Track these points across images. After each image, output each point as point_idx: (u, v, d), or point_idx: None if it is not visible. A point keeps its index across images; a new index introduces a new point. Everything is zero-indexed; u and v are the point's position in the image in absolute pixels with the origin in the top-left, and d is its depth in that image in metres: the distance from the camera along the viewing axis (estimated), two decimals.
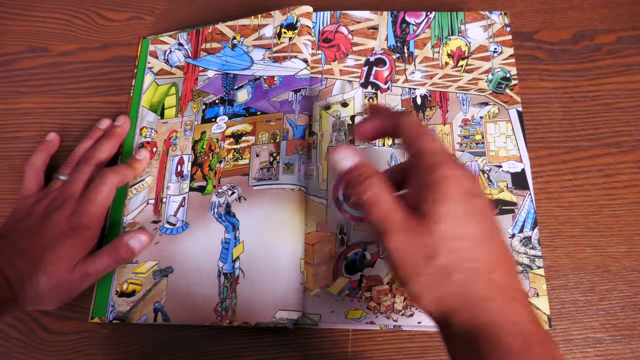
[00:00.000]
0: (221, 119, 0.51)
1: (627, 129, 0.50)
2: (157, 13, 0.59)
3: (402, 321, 0.42)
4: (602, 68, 0.52)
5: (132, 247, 0.45)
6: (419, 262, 0.28)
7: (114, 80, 0.55)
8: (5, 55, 0.57)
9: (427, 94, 0.51)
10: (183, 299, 0.44)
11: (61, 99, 0.55)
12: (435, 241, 0.28)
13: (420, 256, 0.28)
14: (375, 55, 0.52)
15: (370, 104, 0.36)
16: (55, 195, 0.45)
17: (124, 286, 0.45)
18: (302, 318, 0.43)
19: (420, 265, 0.28)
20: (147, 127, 0.52)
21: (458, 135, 0.49)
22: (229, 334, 0.45)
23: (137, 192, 0.49)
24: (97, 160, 0.48)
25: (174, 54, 0.55)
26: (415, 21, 0.53)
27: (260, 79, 0.52)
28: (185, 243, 0.46)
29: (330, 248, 0.45)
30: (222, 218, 0.46)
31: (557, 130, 0.50)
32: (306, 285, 0.44)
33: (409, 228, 0.29)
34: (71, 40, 0.58)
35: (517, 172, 0.47)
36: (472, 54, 0.52)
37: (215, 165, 0.49)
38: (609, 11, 0.54)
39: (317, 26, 0.54)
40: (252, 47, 0.53)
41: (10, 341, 0.46)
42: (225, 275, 0.44)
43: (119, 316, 0.44)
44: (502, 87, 0.50)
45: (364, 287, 0.44)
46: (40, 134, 0.53)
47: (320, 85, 0.51)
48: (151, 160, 0.50)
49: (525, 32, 0.54)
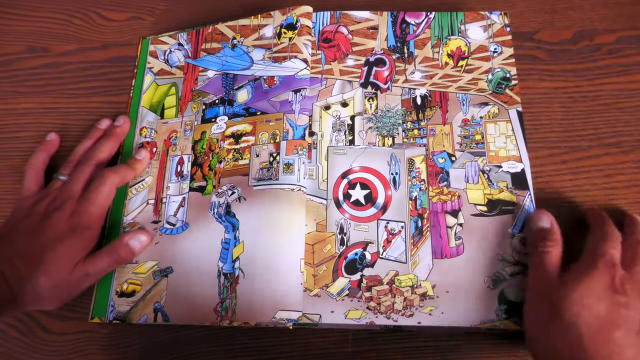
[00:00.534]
0: (221, 119, 0.51)
1: (627, 129, 0.50)
2: (157, 13, 0.59)
3: (402, 321, 0.42)
4: (602, 68, 0.52)
5: (132, 247, 0.45)
6: None
7: (114, 80, 0.55)
8: (5, 55, 0.57)
9: (427, 94, 0.51)
10: (183, 299, 0.44)
11: (61, 99, 0.55)
12: None
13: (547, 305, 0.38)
14: (375, 56, 0.52)
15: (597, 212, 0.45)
16: (55, 196, 0.45)
17: (124, 286, 0.45)
18: (302, 318, 0.43)
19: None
20: (147, 127, 0.52)
21: (458, 135, 0.49)
22: (229, 334, 0.45)
23: (137, 192, 0.49)
24: (97, 160, 0.48)
25: (174, 54, 0.55)
26: (415, 21, 0.53)
27: (260, 79, 0.52)
28: (185, 243, 0.46)
29: (330, 248, 0.45)
30: (222, 218, 0.46)
31: (557, 130, 0.50)
32: (306, 285, 0.44)
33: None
34: (71, 40, 0.58)
35: (517, 172, 0.47)
36: (472, 54, 0.52)
37: (215, 165, 0.49)
38: (609, 11, 0.54)
39: (317, 26, 0.54)
40: (252, 47, 0.53)
41: (10, 341, 0.46)
42: (225, 275, 0.44)
43: (119, 316, 0.44)
44: (502, 87, 0.50)
45: (364, 287, 0.44)
46: (40, 134, 0.53)
47: (320, 85, 0.51)
48: (151, 161, 0.50)
49: (525, 32, 0.54)
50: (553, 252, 0.40)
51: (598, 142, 0.49)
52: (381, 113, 0.50)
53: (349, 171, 0.48)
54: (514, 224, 0.45)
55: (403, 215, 0.46)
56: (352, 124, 0.50)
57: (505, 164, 0.47)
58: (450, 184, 0.47)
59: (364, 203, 0.47)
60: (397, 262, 0.44)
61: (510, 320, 0.41)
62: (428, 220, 0.46)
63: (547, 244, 0.41)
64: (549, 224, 0.42)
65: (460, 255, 0.44)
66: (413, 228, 0.45)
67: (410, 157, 0.48)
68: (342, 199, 0.47)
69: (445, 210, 0.46)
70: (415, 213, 0.46)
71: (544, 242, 0.41)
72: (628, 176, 0.48)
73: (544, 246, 0.41)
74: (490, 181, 0.47)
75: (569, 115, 0.50)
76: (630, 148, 0.49)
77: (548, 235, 0.41)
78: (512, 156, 0.47)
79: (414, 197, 0.47)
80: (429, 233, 0.45)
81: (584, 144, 0.49)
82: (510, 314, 0.42)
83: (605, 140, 0.49)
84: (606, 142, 0.49)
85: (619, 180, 0.48)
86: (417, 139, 0.49)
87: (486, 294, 0.42)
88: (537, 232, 0.42)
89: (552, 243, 0.41)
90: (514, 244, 0.44)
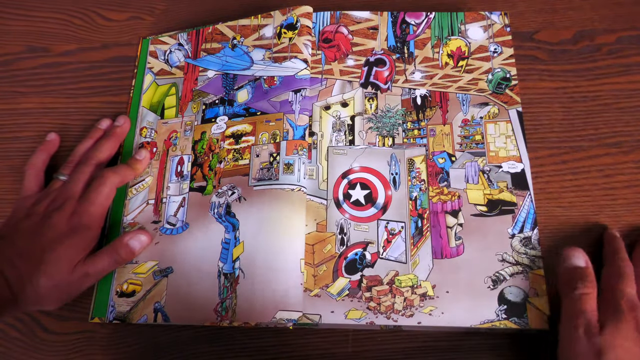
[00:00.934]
0: (221, 119, 0.51)
1: (627, 129, 0.50)
2: (157, 13, 0.59)
3: (402, 321, 0.42)
4: (602, 68, 0.52)
5: (132, 247, 0.45)
6: None
7: (114, 80, 0.55)
8: (5, 55, 0.57)
9: (427, 94, 0.51)
10: (183, 299, 0.44)
11: (61, 99, 0.55)
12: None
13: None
14: (375, 56, 0.52)
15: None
16: (55, 196, 0.45)
17: (124, 286, 0.45)
18: (302, 318, 0.43)
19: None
20: (147, 127, 0.52)
21: (458, 135, 0.49)
22: (229, 334, 0.45)
23: (137, 192, 0.49)
24: (97, 160, 0.48)
25: (174, 54, 0.55)
26: (415, 21, 0.53)
27: (260, 79, 0.52)
28: (185, 243, 0.46)
29: (330, 248, 0.45)
30: (222, 218, 0.46)
31: (557, 131, 0.50)
32: (306, 286, 0.44)
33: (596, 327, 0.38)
34: (71, 40, 0.58)
35: (517, 172, 0.47)
36: (472, 54, 0.52)
37: (215, 165, 0.49)
38: (609, 11, 0.54)
39: (317, 26, 0.54)
40: (252, 47, 0.53)
41: (10, 341, 0.46)
42: (225, 275, 0.44)
43: (119, 316, 0.44)
44: (502, 87, 0.50)
45: (364, 287, 0.44)
46: (40, 134, 0.53)
47: (320, 86, 0.51)
48: (151, 161, 0.50)
49: (525, 32, 0.54)
50: (592, 295, 0.40)
51: (598, 142, 0.49)
52: (381, 113, 0.50)
53: (349, 171, 0.48)
54: (514, 224, 0.45)
55: (403, 216, 0.46)
56: (352, 124, 0.50)
57: (505, 164, 0.47)
58: (450, 184, 0.47)
59: (364, 203, 0.47)
60: (397, 262, 0.44)
61: (510, 320, 0.41)
62: (428, 220, 0.46)
63: (587, 284, 0.40)
64: (584, 263, 0.42)
65: (460, 255, 0.44)
66: (413, 228, 0.46)
67: (410, 157, 0.48)
68: (342, 199, 0.47)
69: (445, 211, 0.46)
70: (415, 213, 0.46)
71: (583, 282, 0.40)
72: (628, 176, 0.48)
73: (584, 287, 0.40)
74: (490, 181, 0.47)
75: (569, 115, 0.50)
76: (630, 148, 0.49)
77: (585, 277, 0.41)
78: (512, 156, 0.47)
79: (414, 197, 0.47)
80: (429, 233, 0.45)
81: (584, 144, 0.49)
82: (510, 314, 0.42)
83: (605, 140, 0.49)
84: (606, 142, 0.49)
85: (619, 180, 0.48)
86: (417, 139, 0.49)
87: (486, 294, 0.42)
88: (573, 271, 0.41)
89: (590, 284, 0.40)
90: (514, 244, 0.44)
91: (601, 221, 0.46)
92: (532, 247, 0.44)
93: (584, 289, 0.40)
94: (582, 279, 0.40)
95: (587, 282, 0.40)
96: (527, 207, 0.45)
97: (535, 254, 0.44)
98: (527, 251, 0.44)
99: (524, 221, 0.45)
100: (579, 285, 0.40)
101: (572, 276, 0.41)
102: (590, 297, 0.40)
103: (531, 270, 0.43)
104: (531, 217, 0.45)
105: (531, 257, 0.44)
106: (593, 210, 0.47)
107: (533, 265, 0.43)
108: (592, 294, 0.40)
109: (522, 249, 0.44)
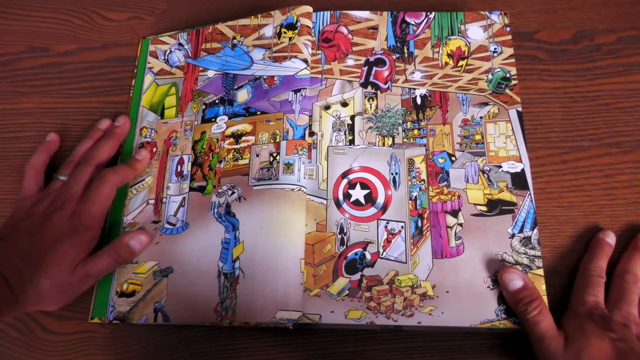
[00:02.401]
0: (221, 119, 0.51)
1: (627, 129, 0.50)
2: (157, 13, 0.59)
3: (402, 321, 0.42)
4: (602, 68, 0.52)
5: (133, 247, 0.45)
6: None
7: (114, 80, 0.55)
8: (5, 55, 0.57)
9: (427, 94, 0.51)
10: (183, 299, 0.44)
11: (61, 99, 0.55)
12: None
13: None
14: (375, 55, 0.52)
15: None
16: (55, 196, 0.45)
17: (124, 286, 0.45)
18: (302, 318, 0.43)
19: None
20: (147, 127, 0.52)
21: (458, 135, 0.49)
22: (229, 334, 0.45)
23: (137, 192, 0.49)
24: (97, 160, 0.48)
25: (174, 54, 0.55)
26: (415, 21, 0.53)
27: (260, 79, 0.52)
28: (185, 243, 0.46)
29: (330, 248, 0.45)
30: (222, 218, 0.46)
31: (557, 130, 0.50)
32: (306, 285, 0.44)
33: (561, 344, 0.39)
34: (71, 40, 0.58)
35: (517, 172, 0.47)
36: (472, 54, 0.52)
37: (215, 165, 0.49)
38: (609, 11, 0.54)
39: (317, 26, 0.54)
40: (252, 47, 0.53)
41: (10, 341, 0.46)
42: (225, 275, 0.44)
43: (119, 316, 0.44)
44: (502, 87, 0.50)
45: (364, 287, 0.44)
46: (40, 134, 0.53)
47: (320, 85, 0.51)
48: (151, 160, 0.50)
49: (525, 32, 0.54)
50: (543, 310, 0.40)
51: (598, 142, 0.49)
52: (381, 113, 0.50)
53: (349, 171, 0.48)
54: (513, 224, 0.45)
55: (403, 215, 0.46)
56: (352, 124, 0.50)
57: (505, 164, 0.47)
58: (450, 184, 0.47)
59: (364, 203, 0.47)
60: (397, 262, 0.44)
61: (510, 320, 0.41)
62: (428, 220, 0.46)
63: (533, 305, 0.40)
64: (522, 282, 0.41)
65: (460, 255, 0.44)
66: (413, 228, 0.46)
67: (410, 157, 0.48)
68: (342, 199, 0.47)
69: (445, 210, 0.46)
70: (415, 213, 0.46)
71: (530, 305, 0.40)
72: (628, 176, 0.48)
73: (532, 309, 0.40)
74: (490, 181, 0.47)
75: (569, 115, 0.50)
76: (630, 148, 0.49)
77: (528, 297, 0.41)
78: (512, 156, 0.47)
79: (414, 197, 0.47)
80: (429, 233, 0.45)
81: (584, 144, 0.49)
82: (510, 314, 0.42)
83: (605, 140, 0.49)
84: (606, 142, 0.49)
85: (619, 180, 0.48)
86: (417, 139, 0.49)
87: (486, 294, 0.42)
88: (516, 295, 0.41)
89: (536, 302, 0.40)
90: (514, 244, 0.44)
91: (601, 221, 0.46)
92: (532, 247, 0.44)
93: (533, 312, 0.40)
94: (527, 302, 0.40)
95: (533, 302, 0.40)
96: (527, 207, 0.45)
97: (535, 253, 0.44)
98: (527, 251, 0.44)
99: (524, 221, 0.45)
100: (528, 309, 0.40)
101: (517, 300, 0.41)
102: (542, 314, 0.40)
103: (531, 270, 0.43)
104: (531, 217, 0.45)
105: (531, 257, 0.44)
106: (593, 210, 0.47)
107: (533, 265, 0.43)
108: (542, 310, 0.40)
109: (522, 249, 0.44)
